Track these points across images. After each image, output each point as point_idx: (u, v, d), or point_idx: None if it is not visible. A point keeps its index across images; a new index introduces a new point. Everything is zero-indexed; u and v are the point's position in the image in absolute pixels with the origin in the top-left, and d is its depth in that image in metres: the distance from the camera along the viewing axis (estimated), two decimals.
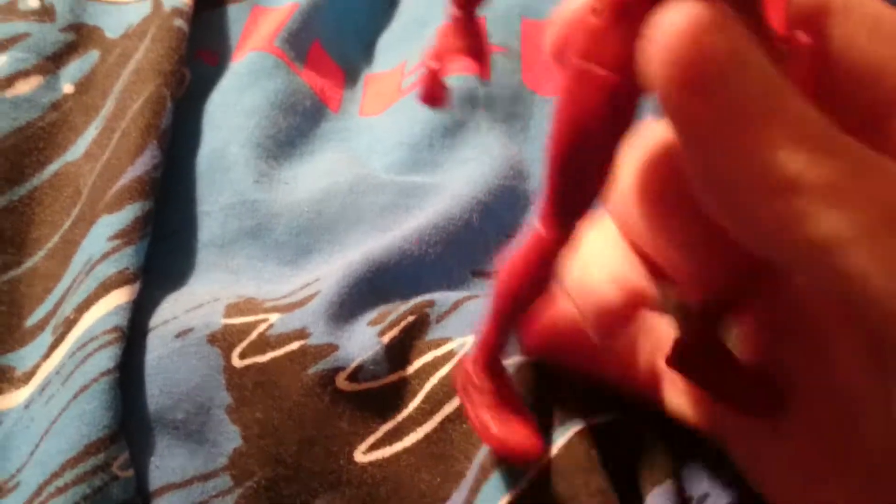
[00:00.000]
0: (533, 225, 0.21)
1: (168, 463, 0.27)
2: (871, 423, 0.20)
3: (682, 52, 0.16)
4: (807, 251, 0.16)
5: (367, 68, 0.45)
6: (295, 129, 0.38)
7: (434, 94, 0.21)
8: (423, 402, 0.28)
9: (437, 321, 0.29)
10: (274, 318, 0.29)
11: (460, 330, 0.29)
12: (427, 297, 0.31)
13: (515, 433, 0.24)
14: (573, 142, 0.18)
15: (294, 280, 0.33)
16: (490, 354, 0.24)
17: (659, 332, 0.26)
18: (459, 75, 0.39)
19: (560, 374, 0.27)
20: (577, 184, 0.19)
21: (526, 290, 0.22)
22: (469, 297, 0.31)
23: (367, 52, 0.46)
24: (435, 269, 0.33)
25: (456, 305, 0.30)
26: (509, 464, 0.25)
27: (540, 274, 0.21)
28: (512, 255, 0.22)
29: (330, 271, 0.32)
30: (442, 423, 0.27)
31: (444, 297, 0.31)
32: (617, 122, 0.18)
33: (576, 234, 0.20)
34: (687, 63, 0.16)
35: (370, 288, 0.31)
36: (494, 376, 0.25)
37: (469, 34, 0.19)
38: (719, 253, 0.20)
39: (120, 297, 0.29)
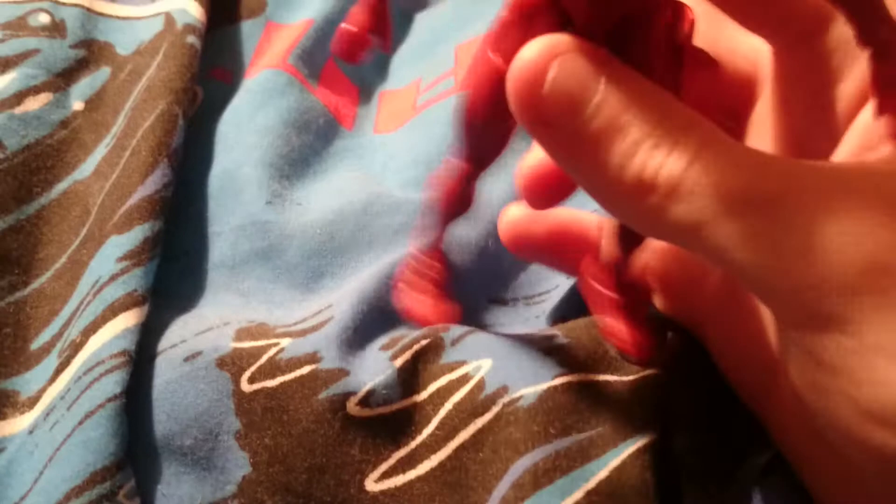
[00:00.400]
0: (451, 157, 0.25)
1: (175, 491, 0.26)
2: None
3: (527, 89, 0.19)
4: (673, 235, 0.19)
5: (382, 85, 0.45)
6: (308, 147, 0.38)
7: (351, 51, 0.22)
8: (437, 428, 0.27)
9: (452, 344, 0.28)
10: (285, 342, 0.29)
11: (476, 353, 0.28)
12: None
13: (428, 307, 0.29)
14: (467, 109, 0.22)
15: (305, 305, 0.32)
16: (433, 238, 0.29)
17: (653, 247, 0.29)
18: None
19: (604, 392, 0.27)
20: (476, 141, 0.24)
21: (451, 203, 0.26)
22: (484, 326, 0.30)
23: (381, 69, 0.46)
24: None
25: (472, 331, 0.29)
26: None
27: (460, 192, 0.26)
28: (444, 169, 0.26)
29: (342, 296, 0.31)
30: (456, 450, 0.26)
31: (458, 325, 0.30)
32: (501, 105, 0.20)
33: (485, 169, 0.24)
34: (530, 99, 0.19)
35: (383, 313, 0.30)
36: (432, 261, 0.30)
37: (379, 15, 0.22)
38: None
39: (128, 321, 0.29)
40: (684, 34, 0.21)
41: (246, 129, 0.37)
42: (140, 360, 0.29)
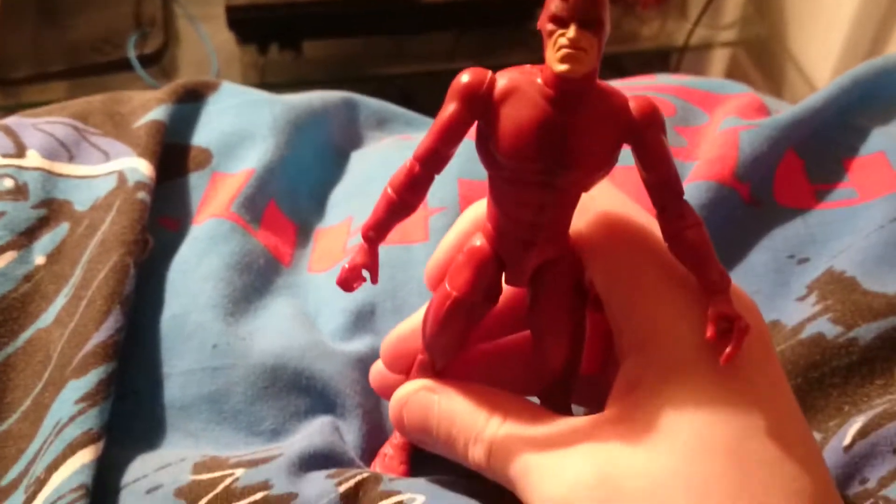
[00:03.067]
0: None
1: None
2: None
3: (395, 416, 0.32)
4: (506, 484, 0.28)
5: (319, 223, 0.48)
6: (250, 286, 0.41)
7: (349, 282, 0.28)
8: None
9: (391, 480, 0.32)
10: (240, 472, 0.32)
11: (410, 489, 0.31)
12: None
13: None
14: (424, 329, 0.31)
15: (251, 447, 0.35)
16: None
17: None
18: (403, 245, 0.43)
19: None
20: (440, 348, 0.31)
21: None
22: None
23: (319, 207, 0.49)
24: None
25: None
26: None
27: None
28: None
29: (291, 443, 0.35)
30: None
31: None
32: (453, 325, 0.30)
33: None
34: (398, 422, 0.32)
35: (328, 460, 0.34)
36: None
37: (374, 257, 0.27)
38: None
39: (85, 457, 0.32)
40: (588, 281, 0.29)
41: (192, 276, 0.41)
42: (106, 492, 0.32)
